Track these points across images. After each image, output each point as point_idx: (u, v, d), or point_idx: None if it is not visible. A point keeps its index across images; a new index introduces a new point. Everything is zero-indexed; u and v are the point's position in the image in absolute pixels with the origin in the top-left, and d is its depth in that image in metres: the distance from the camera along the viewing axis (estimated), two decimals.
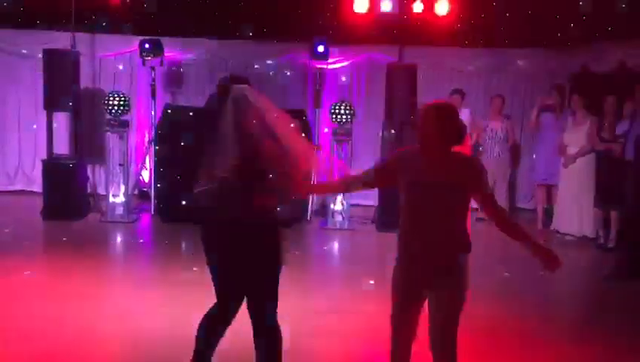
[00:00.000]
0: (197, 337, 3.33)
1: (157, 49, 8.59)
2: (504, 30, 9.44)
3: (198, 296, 5.10)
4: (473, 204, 3.16)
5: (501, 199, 8.85)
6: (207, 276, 3.31)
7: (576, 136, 7.96)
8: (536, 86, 9.61)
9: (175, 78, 9.57)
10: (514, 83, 9.69)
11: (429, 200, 3.07)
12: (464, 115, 8.83)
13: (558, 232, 8.17)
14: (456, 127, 3.16)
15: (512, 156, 9.23)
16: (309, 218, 8.47)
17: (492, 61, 9.60)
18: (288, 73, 9.67)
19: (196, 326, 3.33)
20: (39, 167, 8.51)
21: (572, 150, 7.98)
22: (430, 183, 3.07)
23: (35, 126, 9.41)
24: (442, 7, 8.25)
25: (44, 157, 8.36)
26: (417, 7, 8.21)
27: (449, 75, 9.65)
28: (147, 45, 8.51)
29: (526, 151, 9.61)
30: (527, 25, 9.18)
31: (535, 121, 8.69)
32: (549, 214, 8.55)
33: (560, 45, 9.37)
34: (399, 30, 8.56)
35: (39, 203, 8.08)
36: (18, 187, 9.67)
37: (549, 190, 8.63)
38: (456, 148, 3.19)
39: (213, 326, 3.35)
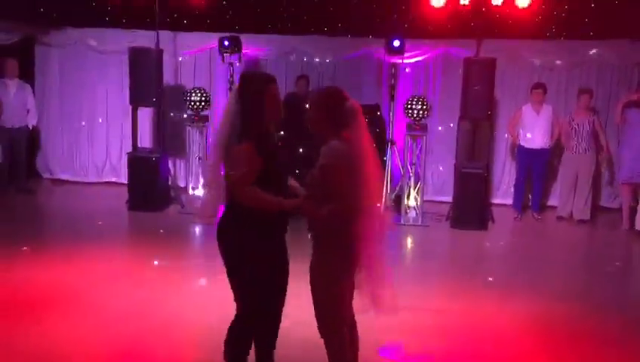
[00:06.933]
0: None
1: (235, 46, 8.81)
2: (588, 22, 9.06)
3: None
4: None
5: (584, 197, 8.57)
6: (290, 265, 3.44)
7: None
8: (623, 80, 9.20)
9: None
10: (598, 76, 9.28)
11: None
12: (546, 112, 8.58)
13: None
14: (333, 113, 3.09)
15: (598, 153, 8.85)
16: None
17: (575, 54, 9.24)
18: (363, 68, 9.68)
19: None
20: (125, 159, 8.93)
21: None
22: None
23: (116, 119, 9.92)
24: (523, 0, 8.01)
25: (130, 150, 8.76)
26: (496, 0, 8.02)
27: (529, 69, 9.38)
28: (226, 42, 8.74)
29: (611, 148, 9.21)
30: (613, 16, 8.77)
31: (620, 117, 8.33)
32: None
33: None
34: (477, 23, 8.39)
35: (125, 194, 8.50)
36: (106, 178, 10.19)
37: (635, 189, 8.25)
38: (346, 135, 3.09)
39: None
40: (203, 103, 8.40)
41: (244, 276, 3.23)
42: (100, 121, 10.10)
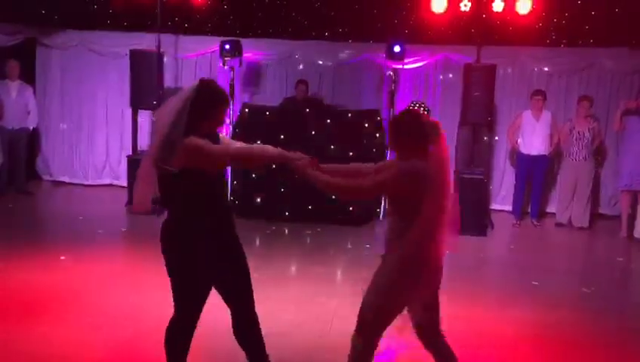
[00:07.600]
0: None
1: (236, 50, 8.83)
2: (589, 29, 9.09)
3: (272, 291, 5.27)
4: None
5: (583, 204, 8.58)
6: (281, 270, 3.38)
7: None
8: (622, 87, 9.21)
9: (253, 78, 9.81)
10: (598, 84, 9.30)
11: None
12: (546, 118, 8.60)
13: None
14: (416, 134, 3.09)
15: (597, 159, 8.88)
16: (380, 217, 8.47)
17: (575, 61, 9.26)
18: (363, 73, 9.69)
19: (268, 315, 3.43)
20: (125, 162, 8.93)
21: None
22: None
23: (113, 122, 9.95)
24: (524, 6, 8.04)
25: (130, 152, 8.77)
26: (497, 7, 8.05)
27: (529, 75, 9.40)
28: (227, 46, 8.76)
29: (610, 155, 9.23)
30: (614, 24, 8.80)
31: (619, 125, 8.35)
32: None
33: None
34: (477, 30, 8.42)
35: (124, 196, 8.50)
36: (106, 181, 10.19)
37: (635, 196, 8.25)
38: (430, 149, 3.09)
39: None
40: None
41: (185, 276, 3.33)
42: (100, 123, 10.11)
